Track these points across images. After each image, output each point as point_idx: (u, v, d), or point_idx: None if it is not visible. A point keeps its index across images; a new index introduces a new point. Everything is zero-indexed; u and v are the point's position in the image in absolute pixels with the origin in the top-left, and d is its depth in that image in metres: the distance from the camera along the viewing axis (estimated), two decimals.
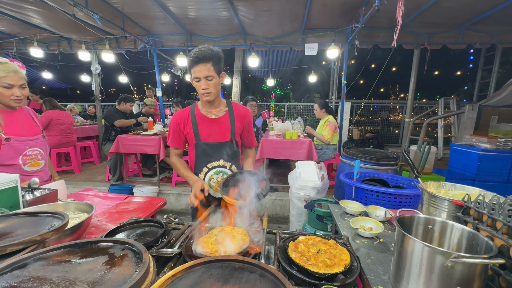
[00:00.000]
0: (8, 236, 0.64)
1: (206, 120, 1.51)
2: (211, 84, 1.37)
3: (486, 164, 3.44)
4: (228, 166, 1.55)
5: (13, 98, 1.53)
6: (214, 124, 1.51)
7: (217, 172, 1.53)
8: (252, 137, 1.67)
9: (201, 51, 1.32)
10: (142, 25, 5.09)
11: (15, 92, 1.52)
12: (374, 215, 1.48)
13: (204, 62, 1.32)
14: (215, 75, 1.37)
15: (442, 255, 0.74)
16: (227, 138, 1.52)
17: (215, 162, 1.52)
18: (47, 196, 1.36)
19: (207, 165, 1.53)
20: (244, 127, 1.59)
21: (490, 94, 6.94)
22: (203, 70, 1.33)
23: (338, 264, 0.89)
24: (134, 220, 1.23)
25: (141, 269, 0.47)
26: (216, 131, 1.51)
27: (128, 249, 0.57)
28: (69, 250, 0.56)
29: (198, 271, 0.53)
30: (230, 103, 1.58)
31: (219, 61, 1.37)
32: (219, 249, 0.92)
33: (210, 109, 1.52)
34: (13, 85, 1.51)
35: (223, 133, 1.51)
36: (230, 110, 1.54)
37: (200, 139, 1.51)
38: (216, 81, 1.39)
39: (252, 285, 0.49)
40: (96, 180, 4.70)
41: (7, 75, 1.48)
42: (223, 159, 1.53)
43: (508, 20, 4.37)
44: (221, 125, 1.51)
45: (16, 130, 1.60)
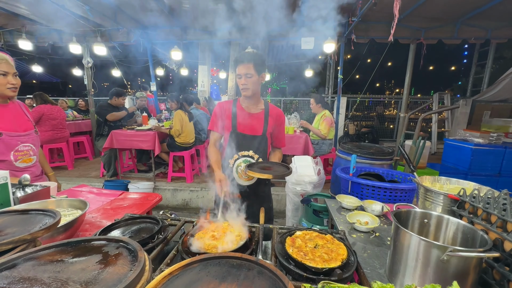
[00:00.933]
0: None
1: (244, 113, 1.70)
2: (249, 81, 1.57)
3: (478, 158, 3.50)
4: (255, 157, 1.69)
5: (9, 87, 1.51)
6: (250, 118, 1.69)
7: (245, 161, 1.67)
8: (282, 137, 1.81)
9: (246, 53, 1.57)
10: (134, 17, 4.95)
11: (10, 80, 1.50)
12: (370, 209, 1.49)
13: (245, 63, 1.54)
14: (255, 74, 1.56)
15: (438, 249, 0.74)
16: (259, 132, 1.68)
17: (245, 152, 1.67)
18: (39, 193, 1.33)
19: (238, 153, 1.68)
20: (276, 126, 1.74)
21: (483, 89, 7.03)
22: (243, 69, 1.55)
23: (335, 259, 0.89)
24: (130, 217, 1.21)
25: (136, 268, 0.45)
26: (251, 125, 1.68)
27: (123, 247, 0.55)
28: (61, 249, 0.54)
29: (195, 269, 0.52)
30: (267, 103, 1.76)
31: (260, 63, 1.57)
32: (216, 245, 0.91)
33: (249, 104, 1.71)
34: (7, 73, 1.49)
35: (256, 128, 1.68)
36: (266, 108, 1.72)
37: (237, 128, 1.67)
38: (255, 79, 1.58)
39: (251, 282, 0.48)
40: (90, 176, 4.64)
41: (0, 63, 1.45)
42: (253, 151, 1.68)
43: (502, 15, 4.40)
44: (256, 120, 1.69)
45: (8, 125, 1.57)
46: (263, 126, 1.68)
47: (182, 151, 4.19)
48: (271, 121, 1.70)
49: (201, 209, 1.37)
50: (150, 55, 5.77)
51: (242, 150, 1.67)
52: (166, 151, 4.29)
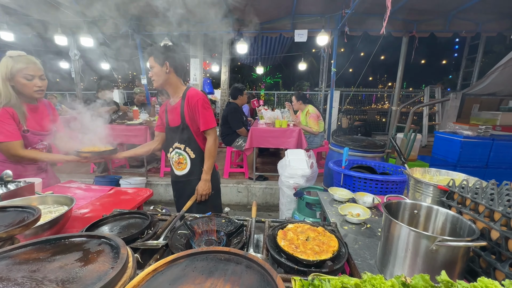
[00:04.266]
0: None
1: (169, 107, 1.78)
2: (153, 72, 1.64)
3: (467, 150, 3.58)
4: (182, 147, 1.76)
5: (36, 89, 1.58)
6: (171, 110, 1.75)
7: (176, 153, 1.79)
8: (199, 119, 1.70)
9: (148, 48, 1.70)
10: (123, 7, 4.78)
11: (36, 83, 1.57)
12: (362, 202, 1.50)
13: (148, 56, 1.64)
14: (156, 64, 1.62)
15: (427, 239, 0.75)
16: (177, 122, 1.72)
17: (175, 144, 1.78)
18: (22, 189, 1.28)
19: (172, 146, 1.80)
20: (191, 110, 1.70)
21: (473, 83, 7.15)
22: (148, 63, 1.66)
23: (327, 251, 0.89)
24: (118, 212, 1.18)
25: (118, 265, 0.43)
26: (173, 117, 1.74)
27: (105, 243, 0.53)
28: (38, 247, 0.51)
29: (181, 264, 0.50)
30: (187, 89, 1.74)
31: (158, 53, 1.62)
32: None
33: (171, 97, 1.79)
34: (34, 76, 1.55)
35: (175, 119, 1.72)
36: (183, 96, 1.71)
37: (168, 124, 1.79)
38: (157, 69, 1.63)
39: (238, 276, 0.47)
40: (81, 172, 4.54)
41: (27, 66, 1.52)
42: (177, 142, 1.76)
43: (492, 9, 4.44)
44: (174, 111, 1.73)
45: (35, 125, 1.68)
46: (180, 115, 1.70)
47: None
48: (186, 107, 1.69)
49: None
50: (139, 47, 5.61)
51: (173, 142, 1.78)
52: None
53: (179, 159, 1.79)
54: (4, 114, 1.50)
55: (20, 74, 1.51)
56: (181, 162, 1.79)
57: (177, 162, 1.80)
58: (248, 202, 4.01)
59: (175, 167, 1.83)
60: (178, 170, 1.82)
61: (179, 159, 1.79)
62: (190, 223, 1.06)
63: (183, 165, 1.79)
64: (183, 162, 1.79)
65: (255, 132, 3.78)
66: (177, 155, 1.79)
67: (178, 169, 1.82)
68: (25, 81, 1.54)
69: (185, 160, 1.78)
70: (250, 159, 4.11)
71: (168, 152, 1.84)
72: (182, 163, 1.79)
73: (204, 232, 1.04)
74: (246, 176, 4.23)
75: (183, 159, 1.78)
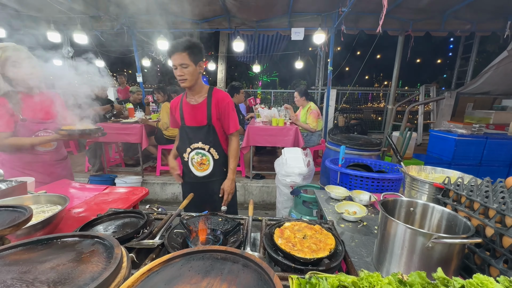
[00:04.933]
0: None
1: (189, 106, 1.69)
2: (186, 71, 1.52)
3: (461, 148, 3.62)
4: (206, 148, 1.70)
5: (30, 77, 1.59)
6: (194, 109, 1.68)
7: (197, 153, 1.72)
8: (230, 121, 1.72)
9: (178, 42, 1.48)
10: (117, 3, 4.70)
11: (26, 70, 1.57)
12: (358, 199, 1.51)
13: (179, 52, 1.47)
14: (191, 63, 1.51)
15: (423, 236, 0.75)
16: (203, 122, 1.67)
17: (195, 144, 1.70)
18: (14, 189, 1.25)
19: (190, 146, 1.72)
20: (220, 111, 1.68)
21: (467, 82, 7.24)
22: (178, 59, 1.49)
23: (324, 249, 0.89)
24: (113, 212, 1.17)
25: (111, 265, 0.42)
26: (196, 116, 1.68)
27: (99, 243, 0.52)
28: (29, 247, 0.50)
29: (177, 264, 0.49)
30: (211, 90, 1.70)
31: (195, 51, 1.51)
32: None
33: (191, 96, 1.70)
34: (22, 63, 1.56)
35: (201, 118, 1.67)
36: (209, 96, 1.67)
37: (185, 122, 1.70)
38: (191, 69, 1.53)
39: (235, 276, 0.46)
40: (75, 171, 4.48)
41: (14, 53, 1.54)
42: (202, 142, 1.69)
43: (486, 8, 4.48)
44: (199, 110, 1.67)
45: (33, 113, 1.68)
46: (206, 115, 1.66)
47: (171, 144, 4.10)
48: (214, 108, 1.66)
49: None
50: (134, 45, 5.54)
51: (192, 142, 1.70)
52: (154, 144, 4.19)
53: (202, 160, 1.72)
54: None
55: (9, 62, 1.52)
56: (203, 163, 1.73)
57: (198, 163, 1.73)
58: (245, 200, 4.01)
59: (196, 167, 1.75)
60: (200, 171, 1.75)
61: (202, 160, 1.72)
62: (187, 222, 1.06)
63: (205, 166, 1.73)
64: (206, 163, 1.73)
65: (252, 131, 3.77)
66: (199, 156, 1.72)
67: (200, 170, 1.74)
68: (15, 69, 1.54)
69: (208, 161, 1.73)
70: (247, 157, 4.11)
71: (185, 152, 1.74)
72: (204, 164, 1.73)
73: (200, 231, 1.03)
74: (243, 174, 4.23)
75: (206, 160, 1.72)
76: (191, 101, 1.69)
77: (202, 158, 1.72)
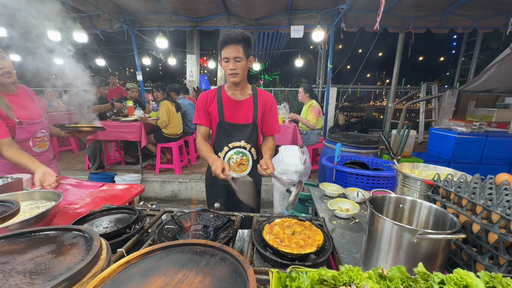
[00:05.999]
0: None
1: (231, 101, 1.56)
2: (239, 65, 1.42)
3: (461, 146, 3.60)
4: (248, 147, 1.60)
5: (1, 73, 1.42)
6: (238, 105, 1.56)
7: (237, 153, 1.59)
8: (274, 122, 1.65)
9: (233, 33, 1.38)
10: (117, 2, 4.72)
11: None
12: (352, 197, 1.51)
13: (234, 44, 1.37)
14: (244, 57, 1.42)
15: (409, 232, 0.75)
16: (249, 120, 1.57)
17: (236, 143, 1.58)
18: (10, 185, 1.27)
19: (228, 145, 1.58)
20: (266, 111, 1.61)
21: (469, 79, 7.17)
22: (233, 51, 1.38)
23: (311, 245, 0.90)
24: (106, 208, 1.18)
25: (88, 257, 0.43)
26: (240, 113, 1.56)
27: (80, 236, 0.53)
28: (11, 240, 0.51)
29: (155, 257, 0.50)
30: (255, 88, 1.62)
31: (249, 45, 1.42)
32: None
33: (235, 91, 1.57)
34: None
35: (246, 116, 1.57)
36: (254, 94, 1.59)
37: (224, 118, 1.56)
38: (244, 63, 1.43)
39: (211, 268, 0.47)
40: (75, 169, 4.52)
41: None
42: (244, 141, 1.58)
43: (488, 5, 4.43)
44: (244, 107, 1.57)
45: (24, 114, 1.59)
46: (252, 113, 1.56)
47: (170, 142, 4.12)
48: (261, 107, 1.58)
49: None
50: (134, 43, 5.55)
51: (233, 141, 1.57)
52: (153, 142, 4.21)
53: (242, 160, 1.59)
54: None
55: None
56: (242, 164, 1.61)
57: (237, 163, 1.59)
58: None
59: (233, 168, 1.60)
60: (237, 172, 1.61)
61: (242, 160, 1.59)
62: (178, 218, 1.07)
63: (244, 166, 1.61)
64: (245, 163, 1.61)
65: None
66: (239, 156, 1.59)
67: (237, 171, 1.61)
68: None
69: (248, 161, 1.61)
70: None
71: (221, 150, 1.60)
72: (244, 164, 1.61)
73: (191, 226, 1.04)
74: None
75: (246, 160, 1.60)
76: (234, 96, 1.56)
77: (242, 158, 1.59)
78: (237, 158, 1.59)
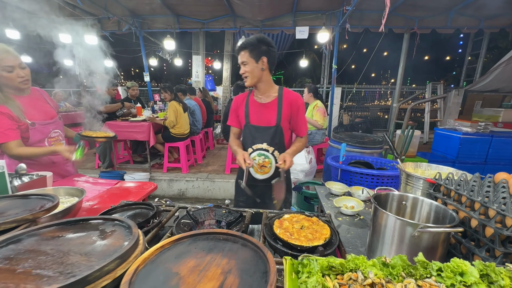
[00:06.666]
0: (0, 215, 0.66)
1: (256, 104, 1.64)
2: (245, 68, 1.51)
3: (466, 146, 3.61)
4: (270, 150, 1.62)
5: (20, 80, 1.52)
6: (262, 108, 1.62)
7: (259, 154, 1.63)
8: (301, 124, 1.67)
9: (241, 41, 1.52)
10: (126, 5, 4.83)
11: (18, 73, 1.50)
12: (357, 195, 1.57)
13: (240, 51, 1.50)
14: (251, 60, 1.49)
15: (411, 226, 0.81)
16: (272, 123, 1.60)
17: (258, 145, 1.62)
18: (35, 182, 1.36)
19: (252, 146, 1.64)
20: (292, 113, 1.62)
21: (476, 79, 7.11)
22: (240, 58, 1.51)
23: (319, 238, 0.96)
24: (125, 203, 1.26)
25: (131, 240, 0.50)
26: (264, 116, 1.61)
27: (118, 225, 0.60)
28: (61, 227, 0.59)
29: (185, 243, 0.57)
30: (282, 90, 1.64)
31: (254, 48, 1.48)
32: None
33: (259, 94, 1.64)
34: (13, 67, 1.47)
35: (269, 118, 1.60)
36: (280, 96, 1.61)
37: (249, 121, 1.63)
38: (253, 66, 1.50)
39: (234, 252, 0.54)
40: (86, 167, 4.65)
41: (3, 57, 1.44)
42: (267, 143, 1.61)
43: (494, 4, 4.41)
44: (268, 110, 1.61)
45: (37, 115, 1.65)
46: (276, 116, 1.59)
47: (177, 142, 4.21)
48: (286, 109, 1.59)
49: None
50: (142, 45, 5.67)
51: (256, 143, 1.62)
52: (161, 142, 4.31)
53: (264, 162, 1.63)
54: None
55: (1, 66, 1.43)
56: (265, 166, 1.64)
57: (259, 165, 1.64)
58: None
59: (256, 169, 1.66)
60: (259, 173, 1.66)
61: (264, 162, 1.63)
62: (193, 213, 1.14)
63: (266, 169, 1.64)
64: (267, 166, 1.64)
65: None
66: (261, 158, 1.63)
67: (260, 173, 1.66)
68: (6, 74, 1.45)
69: (271, 164, 1.63)
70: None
71: (246, 151, 1.63)
72: (266, 166, 1.64)
73: (205, 221, 1.11)
74: None
75: (268, 162, 1.63)
76: (259, 99, 1.63)
77: (264, 160, 1.63)
78: (259, 160, 1.63)
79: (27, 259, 0.46)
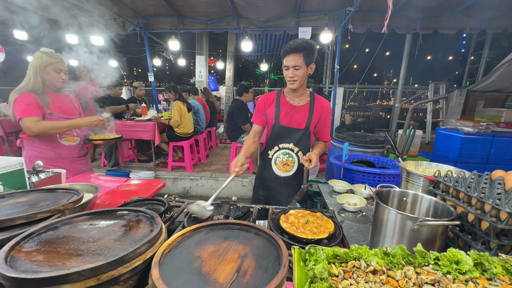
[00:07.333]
0: (33, 207, 0.72)
1: (288, 105, 1.67)
2: (297, 73, 1.51)
3: (467, 146, 3.64)
4: (295, 150, 1.69)
5: (60, 81, 1.87)
6: (294, 110, 1.66)
7: (284, 153, 1.71)
8: (326, 130, 1.75)
9: (294, 42, 1.47)
10: (131, 6, 4.90)
11: (62, 76, 1.87)
12: (359, 192, 1.62)
13: (295, 53, 1.46)
14: (304, 65, 1.50)
15: (411, 220, 0.86)
16: (302, 125, 1.66)
17: (285, 144, 1.69)
18: (52, 178, 1.43)
19: (279, 145, 1.71)
20: (321, 118, 1.69)
21: (478, 79, 7.11)
22: (292, 60, 1.48)
23: (323, 232, 1.01)
24: (137, 199, 1.32)
25: (156, 228, 0.56)
26: (294, 118, 1.66)
27: (142, 216, 0.66)
28: (91, 216, 0.65)
29: (203, 232, 0.63)
30: (313, 95, 1.70)
31: (309, 53, 1.48)
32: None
33: (293, 96, 1.68)
34: (61, 70, 1.86)
35: (300, 121, 1.66)
36: (312, 100, 1.67)
37: (279, 121, 1.67)
38: (303, 71, 1.52)
39: (249, 240, 0.60)
40: (92, 165, 4.73)
41: (58, 61, 1.84)
42: (293, 143, 1.68)
43: (497, 5, 4.43)
44: (300, 112, 1.66)
45: (58, 109, 1.91)
46: (306, 119, 1.64)
47: (182, 141, 4.28)
48: (316, 114, 1.65)
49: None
50: (147, 45, 5.74)
51: (282, 142, 1.69)
52: (165, 141, 4.38)
53: (288, 161, 1.71)
54: (27, 96, 1.74)
55: (52, 67, 1.81)
56: (287, 164, 1.72)
57: (283, 163, 1.72)
58: None
59: (279, 167, 1.73)
60: (282, 171, 1.74)
61: (288, 161, 1.71)
62: None
63: (289, 167, 1.73)
64: (290, 164, 1.72)
65: None
66: (286, 156, 1.71)
67: (283, 170, 1.74)
68: (54, 73, 1.83)
69: (294, 163, 1.72)
70: (254, 154, 4.24)
71: (271, 149, 1.74)
72: (288, 165, 1.72)
73: (214, 216, 1.17)
74: (251, 171, 4.36)
75: (291, 161, 1.71)
76: (292, 101, 1.68)
77: (288, 159, 1.71)
78: (283, 158, 1.71)
79: (67, 243, 0.52)
